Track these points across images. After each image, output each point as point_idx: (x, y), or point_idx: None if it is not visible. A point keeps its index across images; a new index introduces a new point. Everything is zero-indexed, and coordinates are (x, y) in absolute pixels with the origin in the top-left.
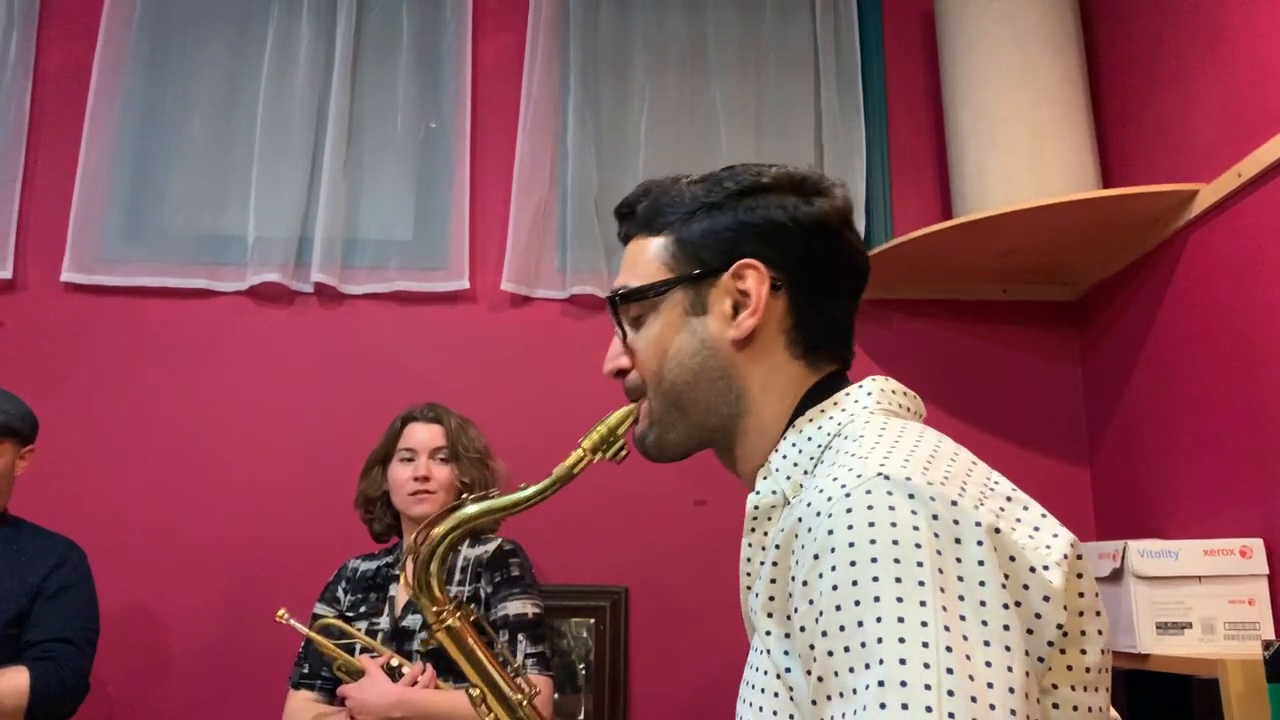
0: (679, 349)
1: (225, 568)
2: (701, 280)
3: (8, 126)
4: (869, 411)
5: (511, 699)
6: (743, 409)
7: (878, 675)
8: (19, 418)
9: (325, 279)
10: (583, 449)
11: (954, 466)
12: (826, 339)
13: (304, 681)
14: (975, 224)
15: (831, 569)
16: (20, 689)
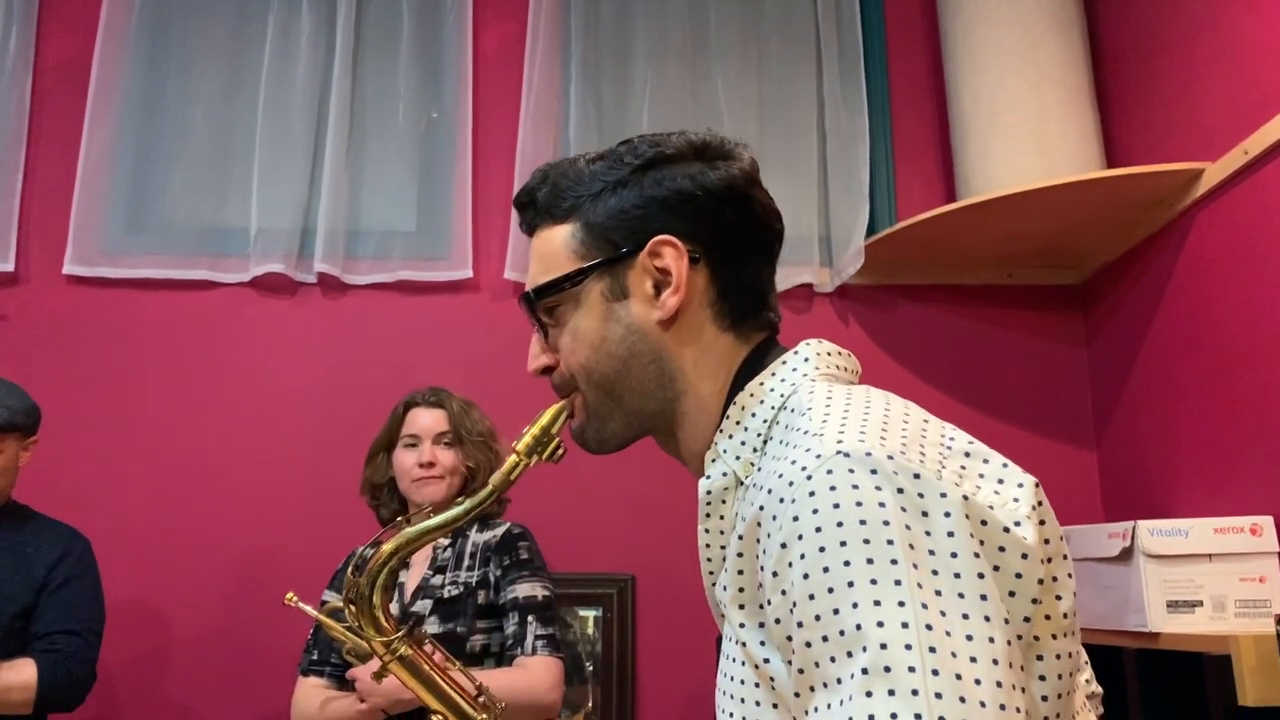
0: (604, 338)
1: (231, 557)
2: (617, 264)
3: (8, 119)
4: (810, 380)
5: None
6: (679, 390)
7: (860, 663)
8: (22, 412)
9: (328, 269)
10: (517, 453)
11: (908, 430)
12: (752, 306)
13: (313, 668)
14: (979, 207)
15: (801, 557)
16: (29, 682)
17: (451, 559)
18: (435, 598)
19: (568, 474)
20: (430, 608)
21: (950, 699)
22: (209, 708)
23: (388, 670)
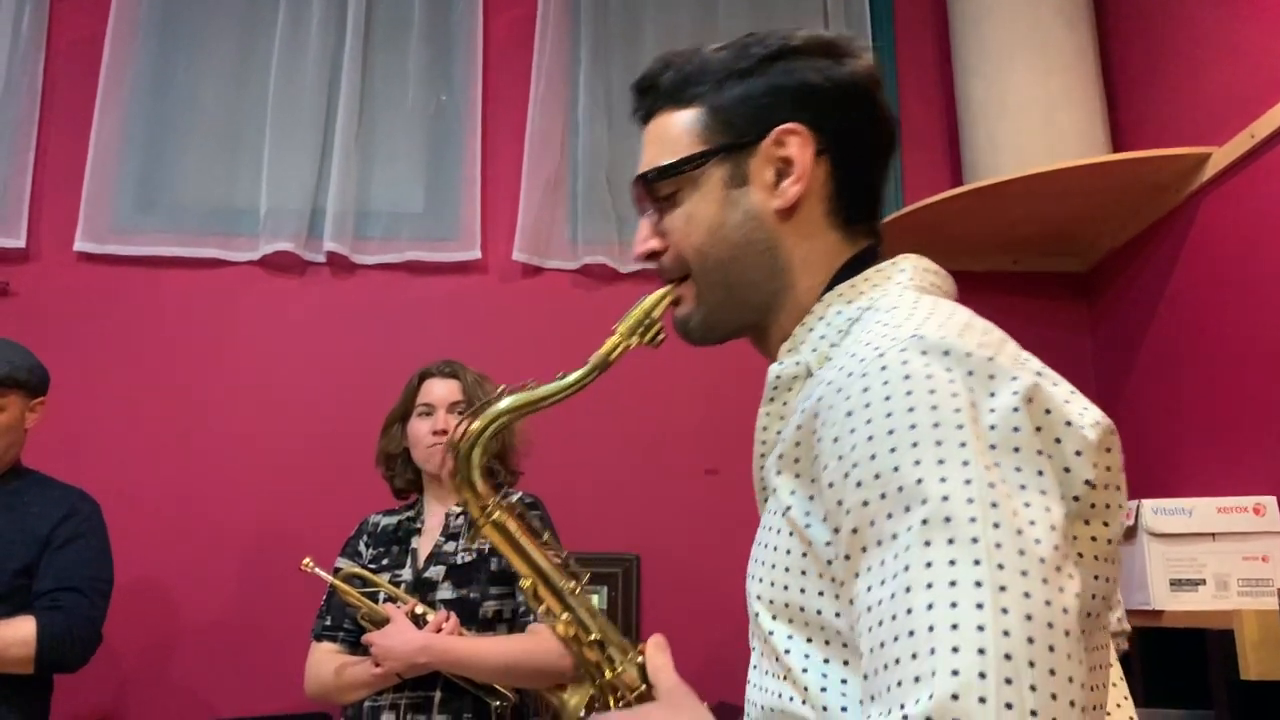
0: (722, 223)
1: (242, 530)
2: (739, 150)
3: (21, 98)
4: (901, 287)
5: (562, 587)
6: (786, 283)
7: (920, 514)
8: (26, 370)
9: (337, 249)
10: (619, 334)
11: (989, 336)
12: (865, 208)
13: (326, 633)
14: (986, 190)
15: (866, 422)
16: (26, 637)
17: (464, 526)
18: (448, 564)
19: (573, 454)
20: (443, 574)
21: (1010, 550)
22: (221, 678)
23: (482, 534)
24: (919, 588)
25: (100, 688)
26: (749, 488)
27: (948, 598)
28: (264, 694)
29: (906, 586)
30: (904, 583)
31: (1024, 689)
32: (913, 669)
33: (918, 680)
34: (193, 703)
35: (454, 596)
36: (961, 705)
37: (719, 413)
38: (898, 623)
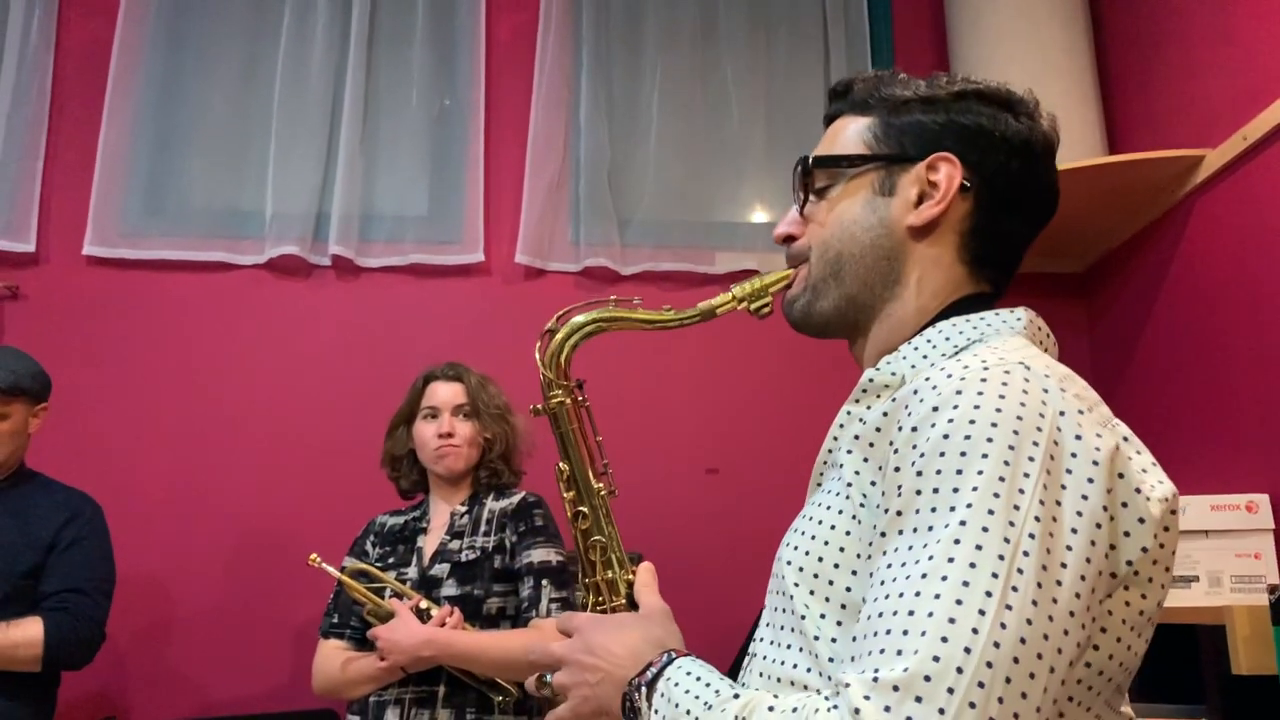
0: (856, 221)
1: (248, 529)
2: (897, 164)
3: (30, 103)
4: (1014, 332)
5: (592, 485)
6: (895, 294)
7: (960, 517)
8: (29, 376)
9: (342, 252)
10: (733, 294)
11: (1087, 393)
12: (996, 255)
13: (333, 630)
14: None
15: (949, 420)
16: (34, 638)
17: (469, 525)
18: (453, 561)
19: None
20: (448, 571)
21: (1029, 579)
22: (227, 676)
23: (545, 411)
24: (934, 577)
25: (105, 684)
26: (749, 487)
27: (956, 593)
28: (271, 692)
29: (923, 573)
30: (923, 569)
31: (992, 696)
32: (899, 642)
33: (900, 653)
34: (199, 700)
35: (458, 593)
36: (930, 687)
37: (719, 414)
38: (904, 599)
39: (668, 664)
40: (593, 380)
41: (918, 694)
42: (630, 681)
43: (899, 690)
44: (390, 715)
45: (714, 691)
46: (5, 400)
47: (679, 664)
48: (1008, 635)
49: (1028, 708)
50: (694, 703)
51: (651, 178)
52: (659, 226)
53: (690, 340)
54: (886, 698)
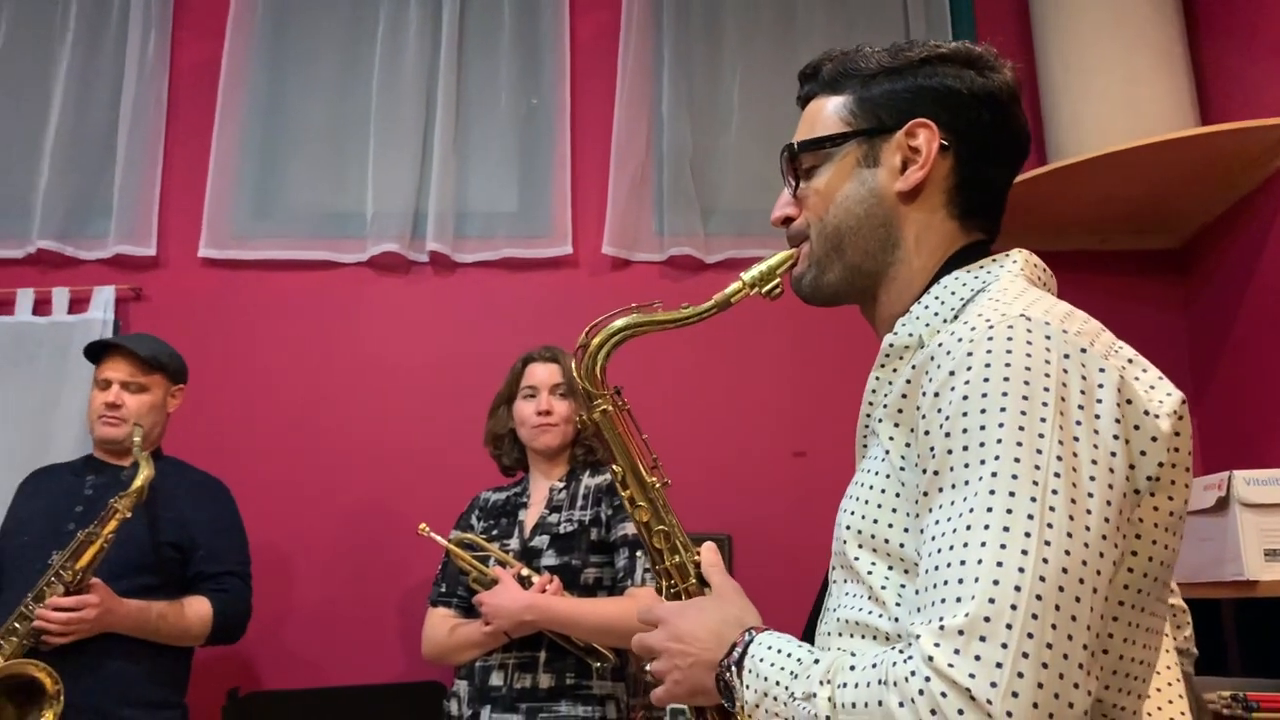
0: (847, 195)
1: (359, 510)
2: (877, 135)
3: (148, 118)
4: (1013, 276)
5: (646, 480)
6: (896, 257)
7: (991, 469)
8: (168, 355)
9: (439, 248)
10: (743, 281)
11: (1087, 325)
12: (983, 205)
13: (441, 599)
14: (1070, 169)
15: (965, 382)
16: (206, 616)
17: (566, 499)
18: (552, 533)
19: (665, 437)
20: (548, 542)
21: (1062, 513)
22: (342, 648)
23: (590, 421)
24: (977, 527)
25: (229, 658)
26: (836, 469)
27: (999, 539)
28: (382, 663)
29: (968, 525)
30: (966, 521)
31: (1046, 623)
32: (957, 590)
33: (959, 600)
34: (315, 672)
35: (557, 563)
36: (991, 626)
37: (806, 397)
38: (954, 552)
39: (750, 641)
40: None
41: (981, 634)
42: (720, 663)
43: (964, 634)
44: (495, 678)
45: (796, 660)
46: (146, 372)
47: (760, 640)
48: (1050, 569)
49: (1079, 626)
50: (781, 673)
51: (733, 167)
52: (741, 215)
53: (775, 324)
54: (954, 642)
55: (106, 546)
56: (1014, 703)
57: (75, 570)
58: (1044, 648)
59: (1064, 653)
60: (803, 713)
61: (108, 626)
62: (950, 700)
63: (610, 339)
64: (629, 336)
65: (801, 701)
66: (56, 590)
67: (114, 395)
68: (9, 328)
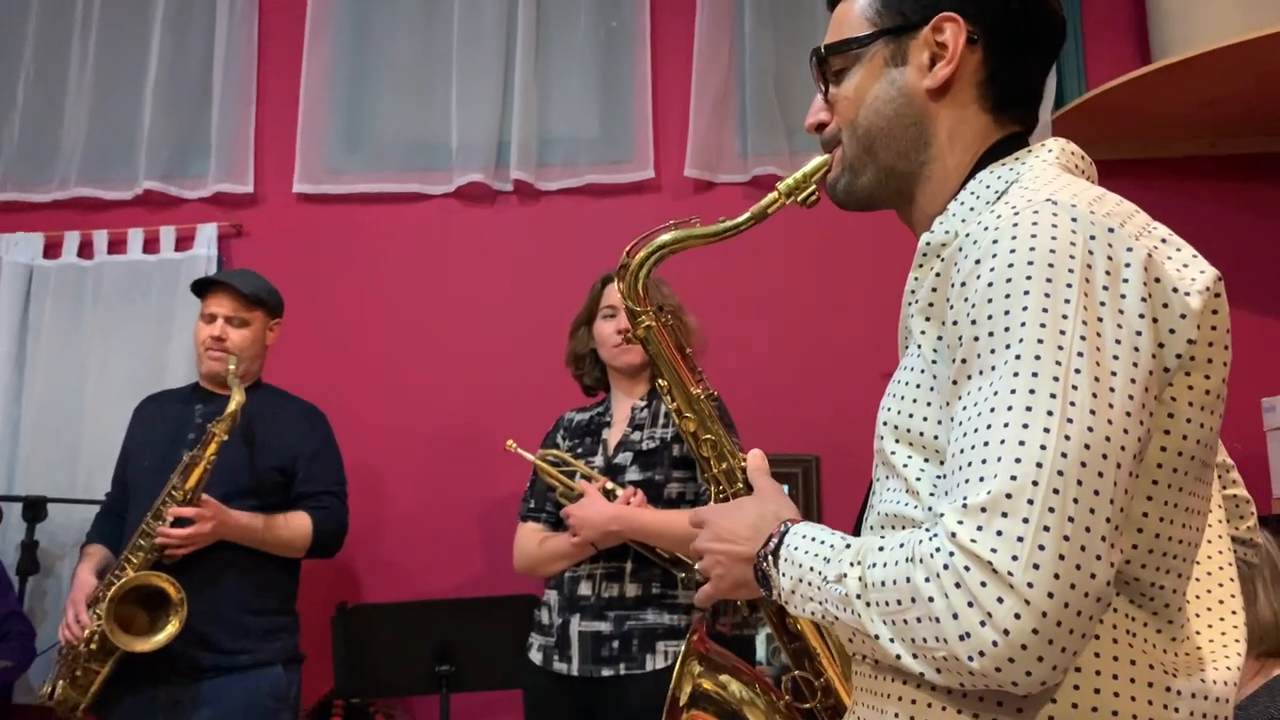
0: (876, 96)
1: (451, 431)
2: (903, 33)
3: (240, 59)
4: (1047, 165)
5: (691, 393)
6: (930, 156)
7: (1015, 352)
8: (267, 291)
9: (523, 177)
10: (778, 191)
11: (1120, 207)
12: (1016, 96)
13: (531, 514)
14: (1178, 67)
15: (990, 269)
16: (307, 530)
17: (648, 417)
18: (635, 450)
19: (752, 357)
20: (631, 459)
21: (1085, 391)
22: (437, 562)
23: (635, 338)
24: (1001, 409)
25: (335, 573)
26: None
27: (1021, 419)
28: (476, 577)
29: (991, 407)
30: (990, 404)
31: (1068, 500)
32: (980, 470)
33: (982, 479)
34: (412, 586)
35: (640, 478)
36: (1013, 502)
37: (895, 318)
38: (978, 434)
39: (785, 532)
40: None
41: (1003, 510)
42: (757, 554)
43: (986, 511)
44: (583, 588)
45: (829, 546)
46: (248, 307)
47: (795, 530)
48: (1072, 445)
49: (1101, 501)
50: (814, 559)
51: None
52: None
53: (863, 244)
54: (976, 519)
55: (210, 467)
56: (1035, 574)
57: (185, 490)
58: (1065, 522)
59: (1085, 526)
60: (834, 594)
61: (221, 536)
62: (973, 574)
63: (651, 256)
64: (669, 253)
65: (833, 584)
66: (171, 508)
67: (218, 329)
68: (123, 266)
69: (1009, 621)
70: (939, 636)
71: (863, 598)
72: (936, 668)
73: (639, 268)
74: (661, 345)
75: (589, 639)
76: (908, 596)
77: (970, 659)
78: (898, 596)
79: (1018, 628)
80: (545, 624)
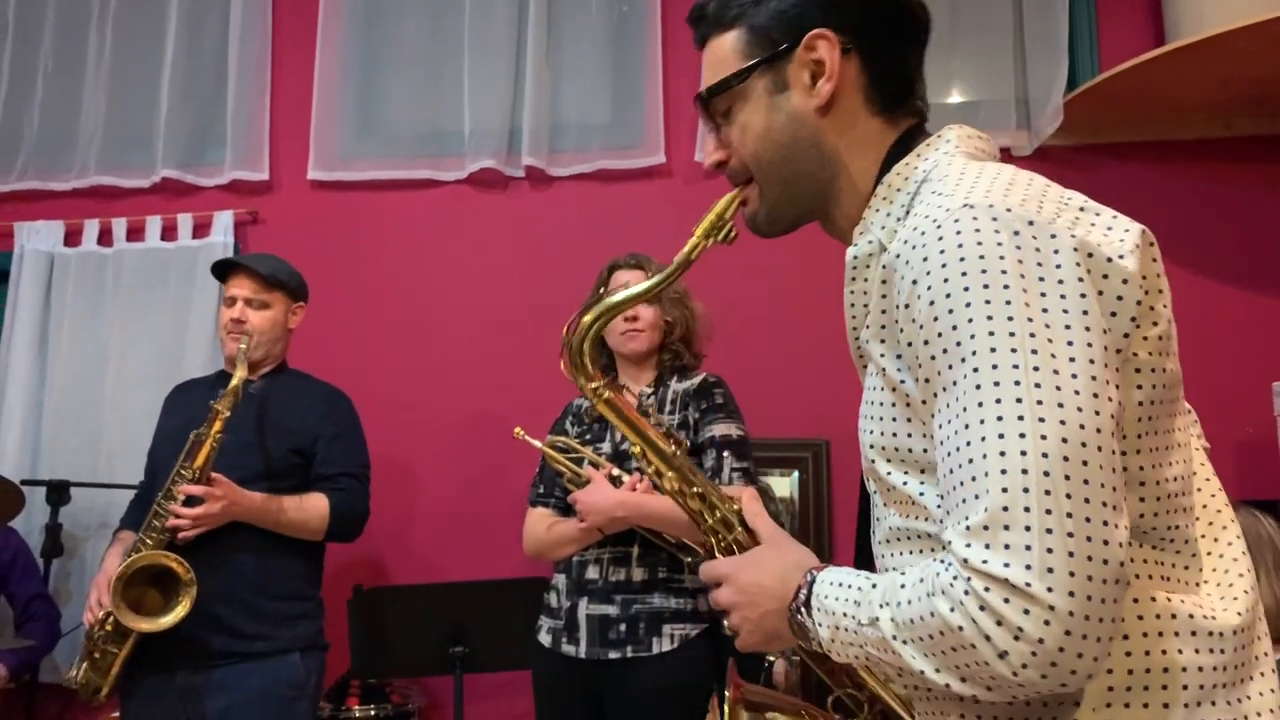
0: (769, 127)
1: (461, 415)
2: (778, 60)
3: (254, 46)
4: (950, 156)
5: (665, 451)
6: (835, 170)
7: (972, 365)
8: (287, 274)
9: (534, 163)
10: (696, 235)
11: (1030, 190)
12: (900, 92)
13: (540, 499)
14: (1191, 49)
15: (928, 289)
16: (324, 512)
17: (655, 404)
18: None
19: (761, 340)
20: None
21: (1048, 386)
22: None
23: (598, 410)
24: (974, 424)
25: (358, 558)
26: None
27: (995, 430)
28: (488, 560)
29: (965, 424)
30: (963, 421)
31: (1060, 497)
32: (971, 489)
33: (976, 498)
34: (427, 569)
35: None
36: (1010, 515)
37: None
38: (960, 453)
39: (814, 581)
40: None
41: (1004, 524)
42: (789, 607)
43: (989, 529)
44: (591, 572)
45: (858, 589)
46: (266, 289)
47: (822, 578)
48: (1050, 444)
49: (1093, 487)
50: (846, 605)
51: None
52: None
53: None
54: (981, 538)
55: (217, 444)
56: (1051, 578)
57: (194, 469)
58: (1064, 518)
59: (1085, 516)
60: (872, 637)
61: (233, 516)
62: (994, 593)
63: (590, 329)
64: (607, 320)
65: (868, 628)
66: (182, 486)
67: (238, 311)
68: (141, 254)
69: (1040, 631)
70: (979, 660)
71: (898, 638)
72: (986, 687)
73: (580, 343)
74: (625, 413)
75: (596, 622)
76: (938, 630)
77: (1015, 674)
78: (929, 631)
79: (1050, 634)
80: (554, 607)
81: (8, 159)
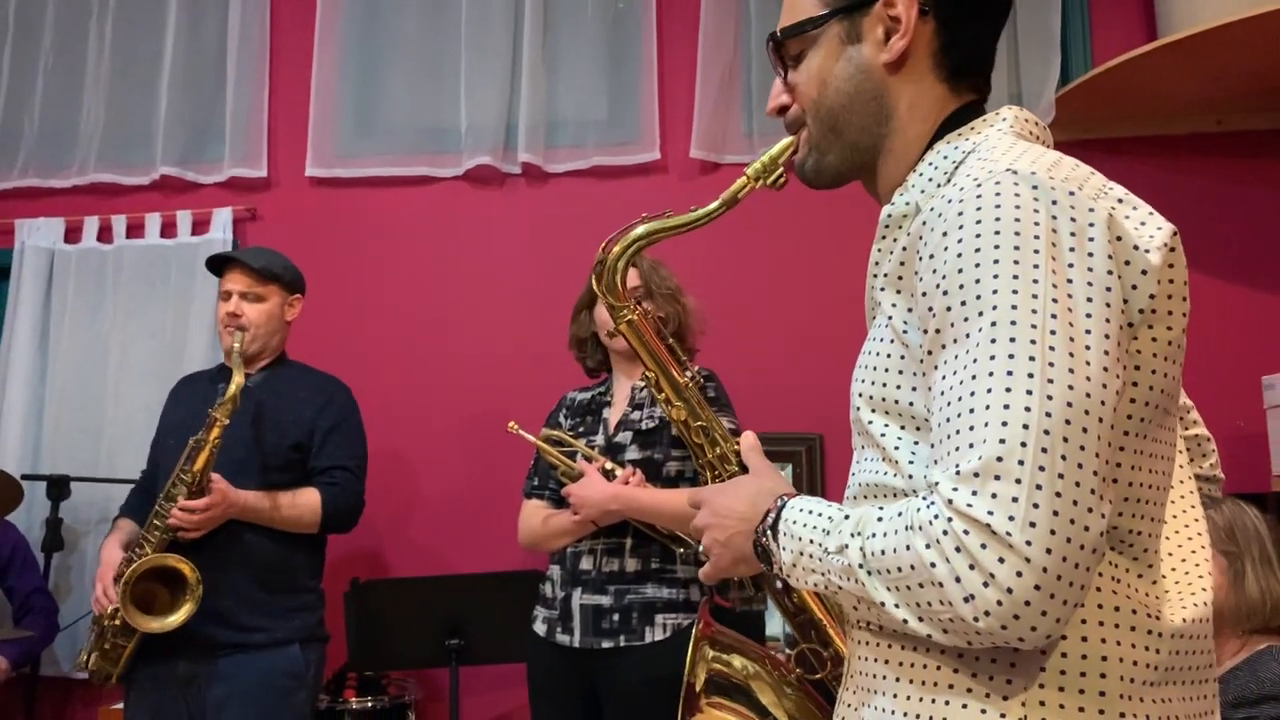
0: (836, 75)
1: (459, 409)
2: (856, 10)
3: (253, 44)
4: (1002, 134)
5: (678, 381)
6: (891, 128)
7: (990, 319)
8: (282, 267)
9: (531, 159)
10: (747, 176)
11: (1075, 171)
12: (970, 64)
13: (534, 491)
14: (1183, 44)
15: (958, 241)
16: (315, 505)
17: (648, 398)
18: (634, 429)
19: (755, 334)
20: (631, 438)
21: (1061, 351)
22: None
23: (619, 332)
24: (982, 375)
25: (357, 551)
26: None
27: (1004, 384)
28: (486, 552)
29: (973, 374)
30: (971, 371)
31: (1056, 457)
32: (969, 437)
33: (971, 446)
34: (427, 561)
35: (640, 457)
36: (1004, 465)
37: None
38: (962, 402)
39: (783, 506)
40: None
41: (996, 474)
42: (756, 529)
43: (979, 476)
44: (584, 563)
45: (828, 518)
46: (261, 282)
47: (792, 504)
48: (1055, 405)
49: (1088, 455)
50: (813, 532)
51: None
52: None
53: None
54: (970, 484)
55: (214, 451)
56: (1032, 532)
57: (193, 473)
58: (1056, 479)
59: (1075, 481)
60: (837, 564)
61: (232, 516)
62: (972, 537)
63: (627, 250)
64: (645, 245)
65: (835, 555)
66: (181, 491)
67: (234, 305)
68: (142, 250)
69: (1011, 580)
70: (944, 600)
71: (865, 567)
72: (943, 629)
73: (616, 261)
74: (645, 337)
75: (590, 612)
76: (909, 564)
77: (976, 619)
78: (899, 564)
79: (1020, 585)
80: (549, 597)
81: (8, 156)
